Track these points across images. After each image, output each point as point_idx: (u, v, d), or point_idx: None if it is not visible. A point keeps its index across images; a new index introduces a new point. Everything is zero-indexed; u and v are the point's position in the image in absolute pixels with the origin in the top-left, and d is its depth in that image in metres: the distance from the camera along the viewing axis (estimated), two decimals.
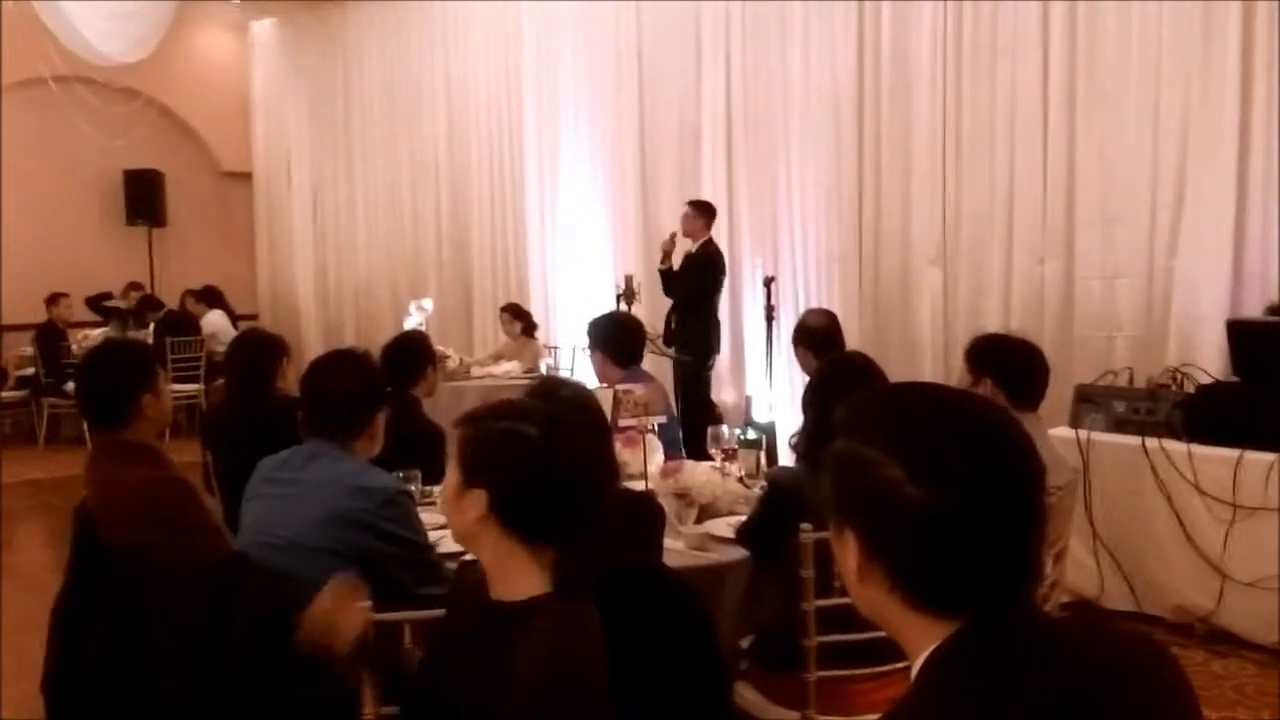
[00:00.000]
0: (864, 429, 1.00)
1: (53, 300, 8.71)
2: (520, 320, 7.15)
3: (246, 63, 10.91)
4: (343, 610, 1.81)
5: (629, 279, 6.57)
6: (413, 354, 3.59)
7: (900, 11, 5.94)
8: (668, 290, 6.36)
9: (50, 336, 8.42)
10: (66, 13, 7.13)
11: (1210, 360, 4.46)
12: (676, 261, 6.33)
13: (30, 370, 8.58)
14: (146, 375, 2.41)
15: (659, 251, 6.45)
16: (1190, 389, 4.07)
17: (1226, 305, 4.63)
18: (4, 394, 8.64)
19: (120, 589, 2.14)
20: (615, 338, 3.88)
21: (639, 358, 3.94)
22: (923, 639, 0.97)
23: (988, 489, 0.93)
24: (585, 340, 3.97)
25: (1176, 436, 3.90)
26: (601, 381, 3.70)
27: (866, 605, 1.02)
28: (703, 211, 6.25)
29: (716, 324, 6.25)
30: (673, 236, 6.26)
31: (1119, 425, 4.10)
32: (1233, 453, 3.71)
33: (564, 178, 8.21)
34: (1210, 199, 4.72)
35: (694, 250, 6.21)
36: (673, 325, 6.21)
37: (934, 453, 0.94)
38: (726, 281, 6.38)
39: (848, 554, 1.00)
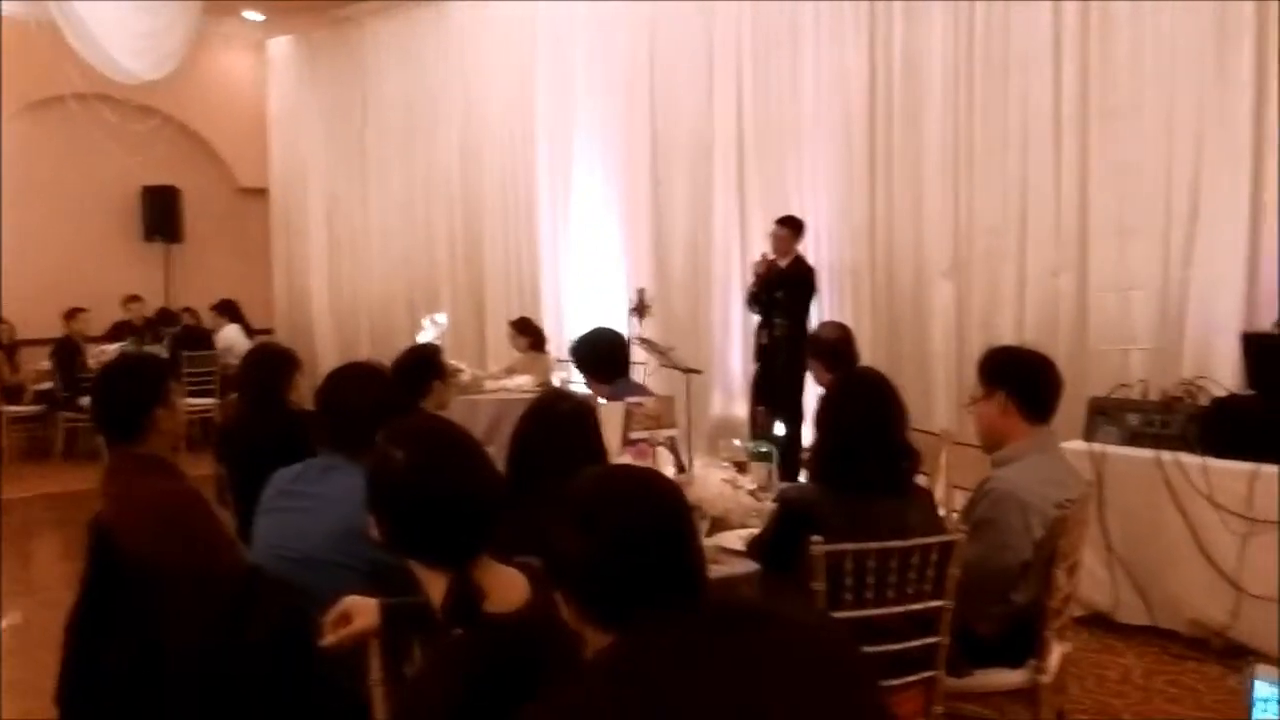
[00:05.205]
0: (559, 508, 1.35)
1: (70, 315, 8.78)
2: (527, 335, 7.12)
3: (264, 80, 11.01)
4: (359, 603, 1.82)
5: (641, 292, 6.58)
6: (420, 367, 3.60)
7: (912, 24, 5.95)
8: (755, 308, 6.27)
9: (67, 351, 8.48)
10: (94, 32, 7.18)
11: (1225, 373, 4.44)
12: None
13: (47, 385, 8.64)
14: (159, 389, 2.42)
15: (672, 265, 6.38)
16: (1205, 402, 4.05)
17: (1242, 317, 4.61)
18: (21, 408, 8.71)
19: (135, 602, 2.16)
20: (591, 355, 3.93)
21: (622, 371, 3.97)
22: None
23: (626, 534, 1.30)
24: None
25: (1191, 449, 3.88)
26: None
27: (584, 638, 1.35)
28: (796, 230, 6.14)
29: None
30: (764, 257, 6.12)
31: (1133, 438, 4.08)
32: (1248, 466, 3.69)
33: (576, 193, 8.24)
34: (1225, 210, 4.70)
35: (785, 266, 6.10)
36: (764, 340, 6.12)
37: (590, 513, 1.32)
38: (739, 295, 6.31)
39: (564, 607, 1.35)
